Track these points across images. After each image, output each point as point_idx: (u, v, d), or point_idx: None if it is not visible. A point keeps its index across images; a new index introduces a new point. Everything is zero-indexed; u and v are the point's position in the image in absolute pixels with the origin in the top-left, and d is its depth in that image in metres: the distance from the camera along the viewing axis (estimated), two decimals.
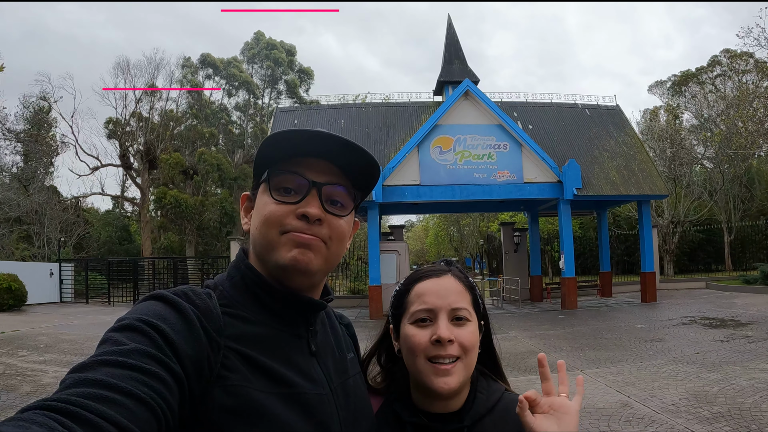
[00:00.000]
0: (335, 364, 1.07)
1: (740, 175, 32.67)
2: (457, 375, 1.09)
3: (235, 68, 42.56)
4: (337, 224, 1.00)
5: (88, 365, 0.71)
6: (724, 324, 12.28)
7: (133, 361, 0.72)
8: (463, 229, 55.58)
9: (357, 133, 19.72)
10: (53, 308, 21.60)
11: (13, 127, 32.92)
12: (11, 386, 7.90)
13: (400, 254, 19.51)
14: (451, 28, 20.45)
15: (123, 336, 0.76)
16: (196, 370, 0.80)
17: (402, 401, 1.19)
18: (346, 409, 1.02)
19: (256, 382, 0.87)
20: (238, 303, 0.96)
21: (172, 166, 34.24)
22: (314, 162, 0.99)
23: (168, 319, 0.81)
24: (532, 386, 6.58)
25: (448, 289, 1.14)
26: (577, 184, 17.92)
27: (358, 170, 1.03)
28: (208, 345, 0.84)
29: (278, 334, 0.97)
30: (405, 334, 1.14)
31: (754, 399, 6.08)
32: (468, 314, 1.13)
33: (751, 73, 32.84)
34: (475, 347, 1.13)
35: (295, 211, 0.96)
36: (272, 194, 0.97)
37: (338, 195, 1.01)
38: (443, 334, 1.08)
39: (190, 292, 0.90)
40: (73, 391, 0.66)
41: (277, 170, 0.98)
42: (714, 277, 25.53)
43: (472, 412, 1.13)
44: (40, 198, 30.01)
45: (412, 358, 1.12)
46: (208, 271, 28.11)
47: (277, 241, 0.96)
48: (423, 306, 1.12)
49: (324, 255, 0.99)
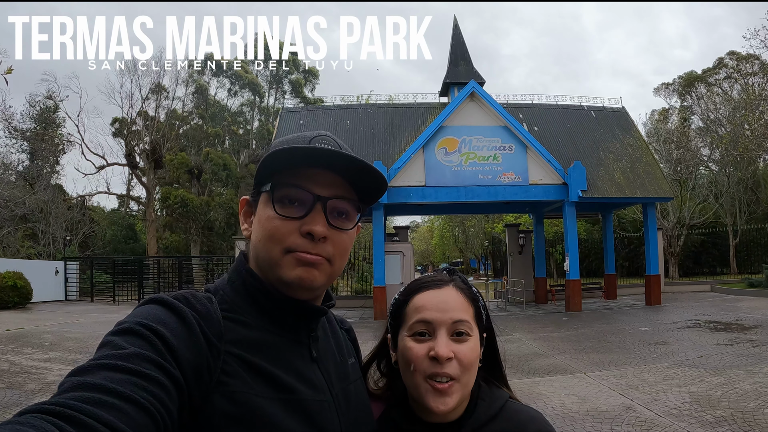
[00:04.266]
0: (336, 369, 1.07)
1: (746, 178, 32.51)
2: (455, 396, 1.05)
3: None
4: (340, 240, 0.99)
5: (87, 369, 0.71)
6: (729, 327, 12.23)
7: (132, 365, 0.72)
8: (468, 231, 55.51)
9: (362, 134, 19.73)
10: (58, 306, 21.67)
11: (19, 126, 33.11)
12: (16, 384, 7.94)
13: (405, 255, 19.48)
14: (457, 30, 20.43)
15: (123, 340, 0.76)
16: (196, 375, 0.80)
17: (400, 409, 1.17)
18: (347, 415, 1.01)
19: (256, 388, 0.87)
20: (238, 308, 0.95)
21: (177, 165, 34.29)
22: (320, 174, 0.97)
23: (168, 324, 0.81)
24: (535, 389, 6.61)
25: (448, 302, 1.10)
26: (582, 186, 17.88)
27: (366, 184, 1.02)
28: (208, 350, 0.83)
29: (279, 339, 0.96)
30: (403, 346, 1.10)
31: (757, 403, 6.05)
32: (469, 329, 1.09)
33: (758, 75, 32.70)
34: (474, 365, 1.09)
35: (300, 228, 0.94)
36: (275, 207, 0.95)
37: (343, 207, 1.00)
38: (441, 351, 1.04)
39: (191, 297, 0.90)
40: (71, 395, 0.65)
41: (280, 183, 0.96)
42: (719, 281, 25.42)
43: (472, 419, 1.10)
44: (45, 196, 30.16)
45: (408, 372, 1.08)
46: (213, 271, 28.15)
47: (280, 259, 0.95)
48: (421, 319, 1.08)
49: (328, 272, 0.98)
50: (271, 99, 45.21)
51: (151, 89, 36.35)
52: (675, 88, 39.23)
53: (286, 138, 1.03)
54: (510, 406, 1.14)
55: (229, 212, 35.20)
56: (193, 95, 40.81)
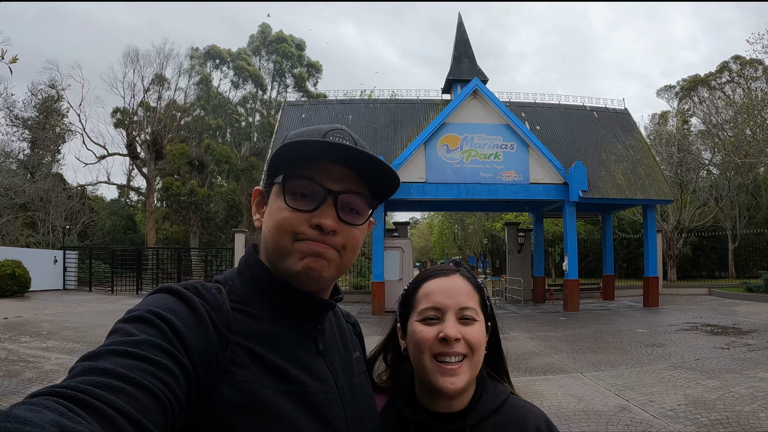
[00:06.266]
0: (342, 362, 1.07)
1: (746, 182, 32.50)
2: (464, 375, 1.09)
3: (243, 61, 42.57)
4: (351, 234, 0.99)
5: (97, 354, 0.71)
6: (726, 331, 12.26)
7: (142, 352, 0.72)
8: (467, 228, 55.41)
9: (365, 129, 19.71)
10: (56, 295, 21.70)
11: (21, 114, 33.07)
12: (13, 372, 7.95)
13: (404, 251, 19.51)
14: (461, 27, 20.40)
15: (133, 327, 0.77)
16: (205, 364, 0.81)
17: (406, 400, 1.19)
18: (352, 407, 1.02)
19: (263, 379, 0.87)
20: (247, 299, 0.96)
21: (178, 156, 34.26)
22: (333, 168, 0.97)
23: (178, 313, 0.82)
24: (531, 387, 6.62)
25: (456, 289, 1.15)
26: (582, 187, 17.89)
27: (378, 181, 1.02)
28: (216, 340, 0.84)
29: (287, 332, 0.97)
30: (412, 330, 1.14)
31: (752, 407, 6.08)
32: (475, 314, 1.13)
33: (760, 80, 32.67)
34: (481, 346, 1.13)
35: (309, 220, 0.94)
36: (286, 199, 0.96)
37: (355, 202, 1.00)
38: (450, 332, 1.08)
39: (201, 287, 0.90)
40: (82, 379, 0.66)
41: (292, 175, 0.96)
42: (717, 284, 25.42)
43: (476, 411, 1.13)
44: (45, 185, 30.12)
45: (418, 354, 1.12)
46: (211, 263, 28.17)
47: (289, 248, 0.95)
48: (431, 304, 1.13)
49: (337, 264, 0.98)
50: (274, 92, 45.23)
51: (153, 80, 36.33)
52: (677, 91, 39.22)
53: (301, 130, 1.03)
54: (512, 401, 1.18)
55: (230, 204, 35.20)
56: (196, 86, 40.81)
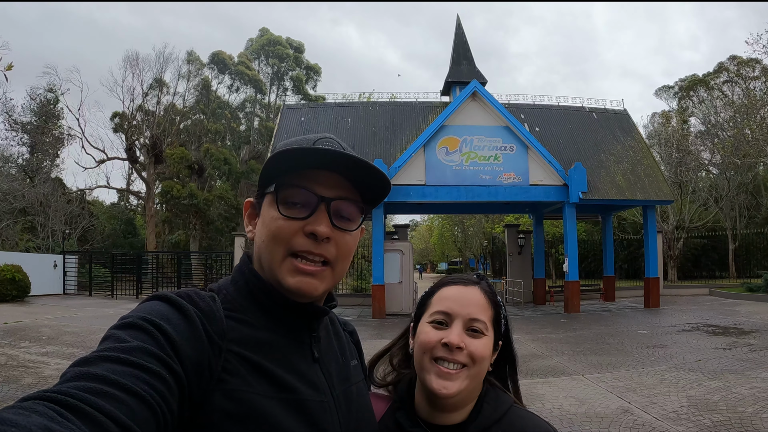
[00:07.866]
0: (338, 370, 1.06)
1: (746, 182, 32.53)
2: (459, 382, 1.08)
3: (243, 65, 42.62)
4: (344, 242, 0.99)
5: (89, 360, 0.71)
6: (727, 332, 12.24)
7: (135, 358, 0.72)
8: (467, 230, 55.43)
9: (363, 132, 19.71)
10: (56, 300, 21.69)
11: (19, 119, 33.09)
12: (13, 377, 7.93)
13: (404, 254, 19.47)
14: (459, 29, 20.40)
15: (126, 333, 0.77)
16: (197, 371, 0.80)
17: (405, 410, 1.18)
18: (348, 416, 1.01)
19: (257, 387, 0.86)
20: (241, 307, 0.95)
21: (177, 160, 34.29)
22: (324, 175, 0.98)
23: (171, 320, 0.81)
24: (533, 390, 6.60)
25: (470, 299, 1.15)
26: (582, 188, 17.88)
27: (369, 186, 1.02)
28: (209, 348, 0.84)
29: (281, 339, 0.96)
30: (420, 330, 1.17)
31: (755, 408, 6.05)
32: (484, 328, 1.13)
33: (759, 80, 32.72)
34: (483, 360, 1.11)
35: (303, 228, 0.95)
36: (279, 208, 0.96)
37: (347, 209, 1.00)
38: (453, 339, 1.09)
39: (194, 295, 0.90)
40: (73, 384, 0.66)
41: (284, 183, 0.97)
42: (718, 284, 25.42)
43: (476, 423, 1.11)
44: (45, 189, 30.11)
45: (420, 354, 1.14)
46: (211, 266, 28.15)
47: (282, 262, 0.95)
48: (442, 308, 1.14)
49: (329, 280, 0.99)
50: (273, 95, 45.28)
51: (153, 84, 36.37)
52: (675, 91, 39.27)
53: (289, 140, 1.03)
54: (514, 411, 1.16)
55: (230, 206, 35.22)
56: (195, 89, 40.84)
